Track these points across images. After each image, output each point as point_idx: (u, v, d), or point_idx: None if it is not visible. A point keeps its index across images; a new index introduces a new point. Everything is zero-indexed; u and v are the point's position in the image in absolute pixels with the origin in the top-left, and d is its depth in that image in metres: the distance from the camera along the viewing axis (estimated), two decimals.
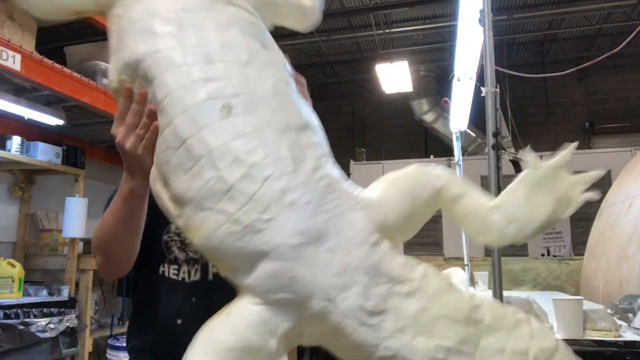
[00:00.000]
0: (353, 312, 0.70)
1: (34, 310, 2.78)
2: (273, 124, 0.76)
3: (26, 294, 3.03)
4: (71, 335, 2.66)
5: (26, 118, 2.74)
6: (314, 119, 0.84)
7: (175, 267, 1.10)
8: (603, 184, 5.53)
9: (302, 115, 0.81)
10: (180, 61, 0.77)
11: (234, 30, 0.82)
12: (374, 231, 0.76)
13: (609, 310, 1.77)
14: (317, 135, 0.82)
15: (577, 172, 0.82)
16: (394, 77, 6.46)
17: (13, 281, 2.83)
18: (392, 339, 0.69)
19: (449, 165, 6.12)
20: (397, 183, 0.84)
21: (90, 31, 2.58)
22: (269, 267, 0.71)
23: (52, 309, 2.85)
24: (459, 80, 2.95)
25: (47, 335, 2.45)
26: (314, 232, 0.72)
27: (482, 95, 1.74)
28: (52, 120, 2.81)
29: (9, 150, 2.84)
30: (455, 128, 3.92)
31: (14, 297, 2.84)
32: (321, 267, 0.71)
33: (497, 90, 1.73)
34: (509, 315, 0.74)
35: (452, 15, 6.25)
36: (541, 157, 0.82)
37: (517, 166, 2.00)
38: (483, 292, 3.11)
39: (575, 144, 0.85)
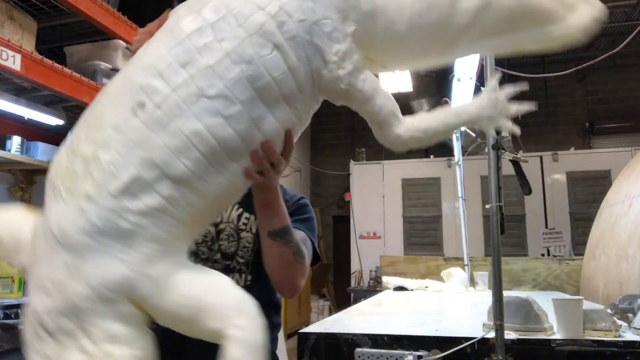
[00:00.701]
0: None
1: None
2: (150, 152, 0.75)
3: (26, 293, 3.03)
4: None
5: (26, 118, 2.74)
6: (191, 182, 0.78)
7: None
8: (603, 184, 5.53)
9: (179, 168, 0.76)
10: (164, 52, 0.79)
11: (234, 70, 0.77)
12: (114, 291, 0.73)
13: (609, 310, 1.77)
14: (175, 192, 0.77)
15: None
16: (394, 77, 6.46)
17: (13, 281, 2.83)
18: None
19: (449, 166, 6.12)
20: (211, 288, 0.78)
21: (90, 31, 2.57)
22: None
23: None
24: (459, 80, 2.95)
25: None
26: (73, 243, 0.73)
27: None
28: (52, 120, 2.81)
29: (9, 150, 2.83)
30: None
31: (14, 297, 2.84)
32: (43, 262, 0.76)
33: None
34: None
35: None
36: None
37: (517, 166, 1.99)
38: (483, 292, 3.11)
39: None
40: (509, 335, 1.46)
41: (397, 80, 6.58)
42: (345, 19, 0.84)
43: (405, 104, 7.74)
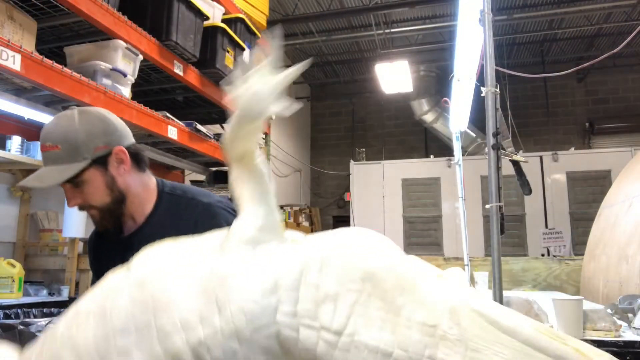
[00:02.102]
0: None
1: (34, 310, 2.77)
2: None
3: (26, 294, 3.02)
4: None
5: (26, 118, 2.74)
6: None
7: None
8: (603, 184, 5.53)
9: None
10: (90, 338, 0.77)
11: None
12: None
13: (609, 310, 1.77)
14: None
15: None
16: (394, 77, 6.46)
17: (13, 281, 2.83)
18: None
19: (449, 166, 6.12)
20: None
21: (90, 31, 2.57)
22: None
23: (52, 309, 2.84)
24: (459, 81, 2.95)
25: None
26: None
27: (482, 95, 1.74)
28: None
29: (9, 150, 2.83)
30: (455, 128, 3.92)
31: (14, 297, 2.84)
32: None
33: (497, 90, 1.73)
34: None
35: (452, 15, 6.26)
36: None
37: (517, 166, 2.00)
38: (484, 292, 3.11)
39: None
40: None
41: (397, 81, 6.58)
42: None
43: (405, 104, 7.75)
